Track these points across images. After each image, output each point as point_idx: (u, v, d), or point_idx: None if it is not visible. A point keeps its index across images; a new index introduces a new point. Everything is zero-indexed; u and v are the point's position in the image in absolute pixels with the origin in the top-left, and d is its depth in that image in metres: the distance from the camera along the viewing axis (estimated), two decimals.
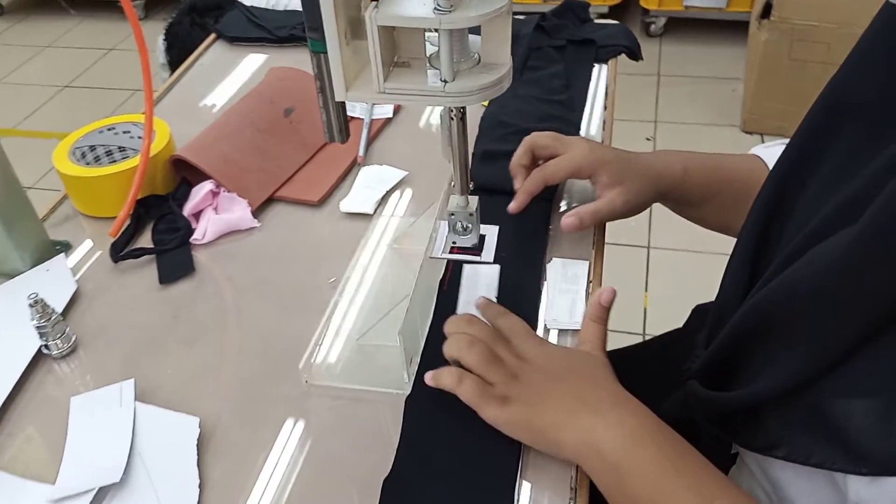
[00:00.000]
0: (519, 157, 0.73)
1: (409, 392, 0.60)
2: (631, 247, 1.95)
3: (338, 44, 0.50)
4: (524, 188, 0.70)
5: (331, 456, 0.58)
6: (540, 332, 0.65)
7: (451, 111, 0.56)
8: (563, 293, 0.67)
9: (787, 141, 0.75)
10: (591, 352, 0.59)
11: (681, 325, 0.87)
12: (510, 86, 0.53)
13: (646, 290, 1.84)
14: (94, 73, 2.99)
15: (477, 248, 0.65)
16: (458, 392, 0.56)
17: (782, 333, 0.47)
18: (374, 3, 0.49)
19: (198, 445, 0.58)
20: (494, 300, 0.65)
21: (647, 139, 2.35)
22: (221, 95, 1.02)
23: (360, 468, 0.56)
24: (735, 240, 0.59)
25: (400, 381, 0.61)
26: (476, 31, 0.52)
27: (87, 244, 0.80)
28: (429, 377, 0.57)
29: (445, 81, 0.51)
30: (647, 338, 1.73)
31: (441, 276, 0.69)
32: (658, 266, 1.90)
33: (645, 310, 1.79)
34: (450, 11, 0.48)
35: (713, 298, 0.61)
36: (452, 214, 0.62)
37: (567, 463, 0.55)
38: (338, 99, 0.53)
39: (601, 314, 0.61)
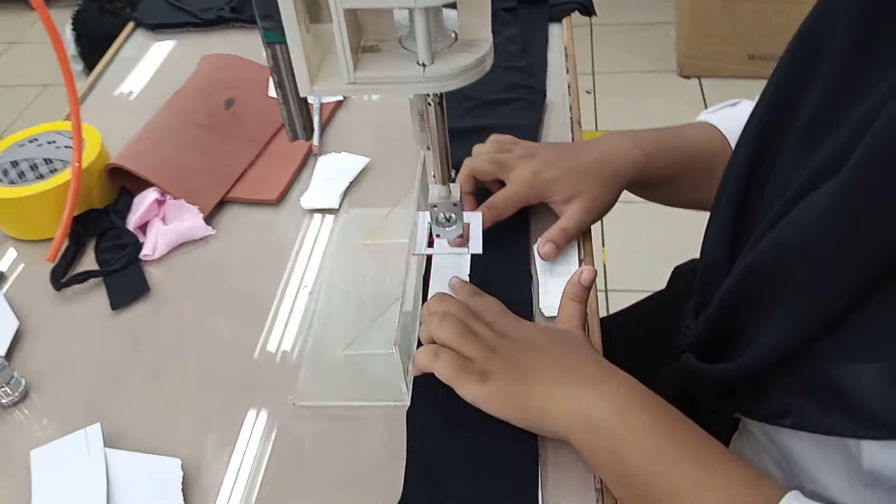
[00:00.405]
0: (462, 184, 0.69)
1: (408, 403, 0.56)
2: None
3: (298, 32, 0.44)
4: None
5: (331, 482, 0.53)
6: (538, 321, 0.61)
7: (428, 97, 0.51)
8: (556, 276, 0.64)
9: (734, 102, 0.74)
10: (570, 329, 0.57)
11: (641, 279, 0.85)
12: None
13: (602, 245, 1.83)
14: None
15: (462, 237, 0.61)
16: (434, 369, 0.53)
17: (776, 295, 0.45)
18: None
19: (183, 489, 0.53)
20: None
21: (588, 92, 2.32)
22: (150, 90, 0.93)
23: (366, 493, 0.52)
24: None
25: (397, 391, 0.56)
26: (451, 4, 0.46)
27: (23, 273, 0.72)
28: (411, 366, 0.54)
29: (424, 66, 0.45)
30: (609, 293, 1.72)
31: (424, 272, 0.64)
32: (612, 220, 1.88)
33: (604, 265, 1.78)
34: None
35: (669, 249, 0.59)
36: (435, 206, 0.57)
37: (589, 467, 0.51)
38: (303, 95, 0.47)
39: (581, 293, 0.58)
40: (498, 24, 0.92)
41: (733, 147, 0.57)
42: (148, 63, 0.98)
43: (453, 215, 0.58)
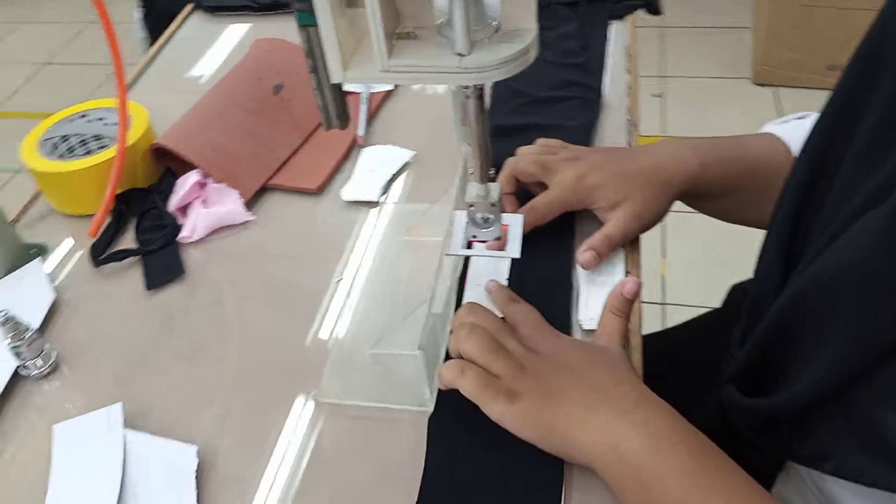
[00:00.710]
0: (503, 185, 0.66)
1: (431, 410, 0.53)
2: None
3: (330, 15, 0.42)
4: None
5: (347, 486, 0.51)
6: (576, 334, 0.58)
7: (467, 89, 0.48)
8: (599, 286, 0.60)
9: (800, 115, 0.69)
10: (608, 346, 0.53)
11: (701, 295, 0.80)
12: None
13: (663, 256, 1.77)
14: (75, 49, 2.87)
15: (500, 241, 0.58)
16: (460, 385, 0.50)
17: (824, 326, 0.41)
18: None
19: (197, 477, 0.52)
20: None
21: (654, 95, 2.25)
22: (203, 72, 0.93)
23: (380, 500, 0.50)
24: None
25: (421, 396, 0.54)
26: None
27: (66, 246, 0.73)
28: (438, 380, 0.52)
29: (461, 55, 0.43)
30: (666, 307, 1.66)
31: (460, 274, 0.62)
32: (675, 231, 1.82)
33: (662, 277, 1.72)
34: None
35: (731, 264, 0.55)
36: (472, 206, 0.55)
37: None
38: (334, 81, 0.45)
39: (623, 307, 0.54)
40: (555, 18, 0.88)
41: None
42: (204, 45, 0.98)
43: (491, 217, 0.56)
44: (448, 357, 0.55)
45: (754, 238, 0.57)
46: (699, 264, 1.72)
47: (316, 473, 0.52)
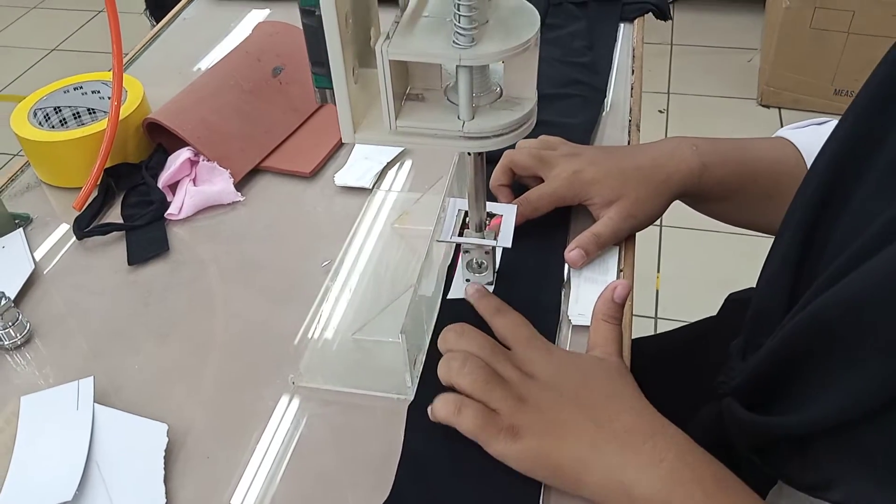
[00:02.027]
0: (498, 176, 0.64)
1: (411, 398, 0.52)
2: None
3: (345, 83, 0.42)
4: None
5: (319, 473, 0.49)
6: (565, 328, 0.56)
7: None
8: (590, 283, 0.59)
9: (818, 121, 0.66)
10: (605, 358, 0.50)
11: (695, 310, 0.78)
12: None
13: (658, 270, 1.76)
14: (85, 35, 2.87)
15: (492, 285, 0.58)
16: (457, 424, 0.47)
17: (845, 352, 0.39)
18: (387, 38, 0.41)
19: (165, 457, 0.50)
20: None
21: (660, 111, 2.25)
22: (205, 54, 0.92)
23: (353, 490, 0.48)
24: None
25: (402, 384, 0.52)
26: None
27: (50, 218, 0.71)
28: (430, 412, 0.49)
29: (463, 122, 0.44)
30: (659, 320, 1.65)
31: (450, 262, 0.60)
32: (670, 245, 1.81)
33: (657, 291, 1.70)
34: (470, 46, 0.40)
35: (726, 282, 0.53)
36: (467, 251, 0.55)
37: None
38: (345, 142, 0.46)
39: (614, 313, 0.52)
40: (564, 17, 0.87)
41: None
42: (207, 26, 0.97)
43: (485, 262, 0.56)
44: (432, 349, 0.53)
45: (751, 257, 0.56)
46: (694, 280, 1.70)
47: (289, 458, 0.50)
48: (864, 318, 0.37)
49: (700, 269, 1.72)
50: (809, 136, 0.64)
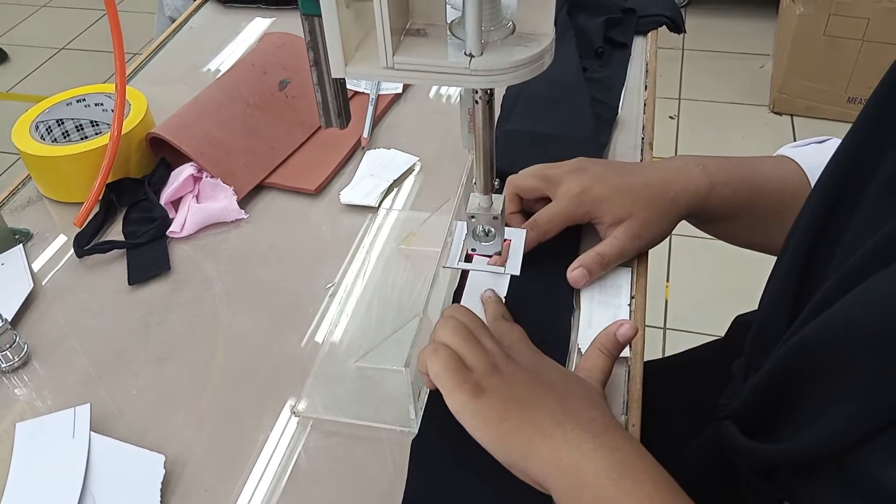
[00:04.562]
0: (507, 205, 0.62)
1: (415, 431, 0.50)
2: None
3: (334, 5, 0.39)
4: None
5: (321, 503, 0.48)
6: (574, 358, 0.55)
7: (477, 93, 0.45)
8: (602, 307, 0.57)
9: (820, 139, 0.65)
10: (588, 380, 0.49)
11: (704, 322, 0.77)
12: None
13: (667, 280, 1.74)
14: (93, 34, 2.86)
15: (499, 255, 0.55)
16: (429, 364, 0.46)
17: (835, 378, 0.38)
18: None
19: (162, 489, 0.49)
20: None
21: (671, 117, 2.22)
22: (211, 64, 0.90)
23: None
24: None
25: (405, 416, 0.51)
26: None
27: (51, 234, 0.70)
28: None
29: (471, 56, 0.40)
30: (668, 331, 1.63)
31: (456, 287, 0.59)
32: (681, 256, 1.79)
33: (666, 301, 1.68)
34: None
35: (736, 293, 0.51)
36: (473, 217, 0.52)
37: None
38: (335, 75, 0.42)
39: (612, 347, 0.51)
40: (584, 16, 0.85)
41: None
42: (213, 36, 0.96)
43: (492, 229, 0.53)
44: None
45: (762, 269, 0.54)
46: (704, 290, 1.68)
47: (289, 491, 0.49)
48: (850, 346, 0.37)
49: (709, 280, 1.70)
50: (812, 155, 0.63)
